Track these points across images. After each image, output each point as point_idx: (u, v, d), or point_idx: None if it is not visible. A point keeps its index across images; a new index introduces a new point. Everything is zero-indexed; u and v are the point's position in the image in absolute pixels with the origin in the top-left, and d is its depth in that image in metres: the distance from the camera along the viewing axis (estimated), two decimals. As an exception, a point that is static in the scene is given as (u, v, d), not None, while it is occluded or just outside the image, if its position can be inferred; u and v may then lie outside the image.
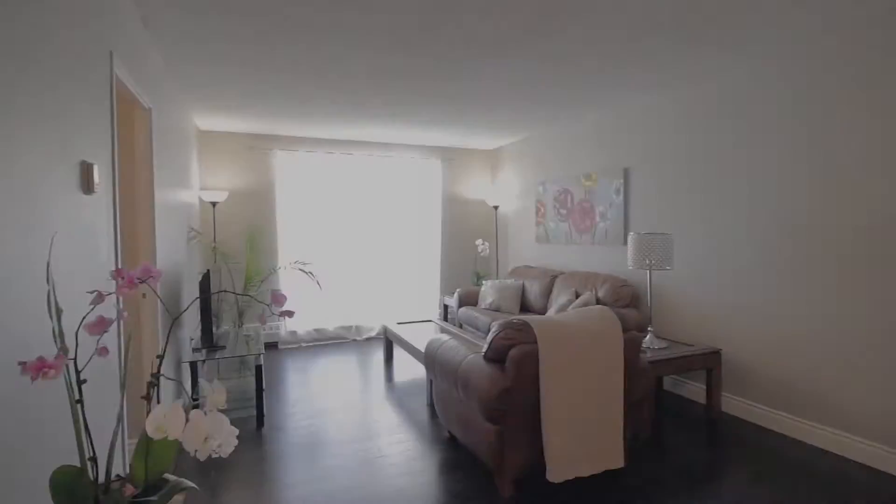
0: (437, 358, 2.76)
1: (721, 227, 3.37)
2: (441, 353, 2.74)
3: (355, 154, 5.71)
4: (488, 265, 6.52)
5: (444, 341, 2.85)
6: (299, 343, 5.49)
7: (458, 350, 2.65)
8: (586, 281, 4.30)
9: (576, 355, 2.26)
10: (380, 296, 5.92)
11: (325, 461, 2.70)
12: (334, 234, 5.69)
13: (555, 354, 2.22)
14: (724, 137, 3.34)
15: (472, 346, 2.70)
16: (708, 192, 3.46)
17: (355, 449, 2.86)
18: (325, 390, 3.95)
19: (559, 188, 5.03)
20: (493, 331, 2.36)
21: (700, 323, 3.54)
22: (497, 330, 2.33)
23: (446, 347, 2.75)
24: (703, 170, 3.50)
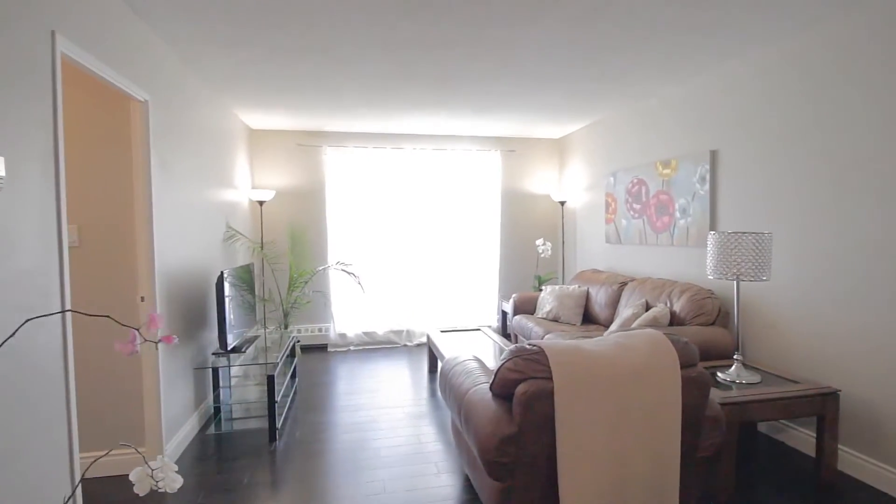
0: (448, 380, 2.30)
1: (844, 226, 2.50)
2: (453, 375, 2.27)
3: (406, 148, 5.38)
4: (552, 267, 5.86)
5: (460, 361, 2.37)
6: (348, 346, 5.29)
7: (470, 375, 2.16)
8: (660, 290, 3.55)
9: (607, 397, 1.68)
10: (433, 299, 5.55)
11: (325, 491, 2.36)
12: (385, 233, 5.42)
13: (576, 395, 1.66)
14: (853, 106, 2.46)
15: (489, 372, 2.20)
16: (825, 178, 2.60)
17: (362, 481, 2.49)
18: (360, 401, 3.65)
19: (632, 179, 4.28)
20: (502, 357, 1.85)
21: (809, 352, 2.68)
22: (506, 357, 1.81)
23: (460, 370, 2.27)
24: (819, 149, 2.64)
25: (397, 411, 3.47)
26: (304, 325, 5.27)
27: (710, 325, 3.16)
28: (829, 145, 2.56)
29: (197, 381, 3.18)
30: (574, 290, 4.45)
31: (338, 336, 5.27)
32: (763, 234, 2.44)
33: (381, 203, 5.37)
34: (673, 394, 1.74)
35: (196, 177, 3.29)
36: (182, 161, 3.03)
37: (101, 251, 2.51)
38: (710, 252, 2.62)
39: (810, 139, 2.66)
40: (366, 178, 5.31)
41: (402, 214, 5.42)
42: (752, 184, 3.05)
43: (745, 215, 3.11)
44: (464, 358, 2.41)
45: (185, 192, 3.07)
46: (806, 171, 2.69)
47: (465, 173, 5.55)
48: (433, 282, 5.54)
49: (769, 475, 2.49)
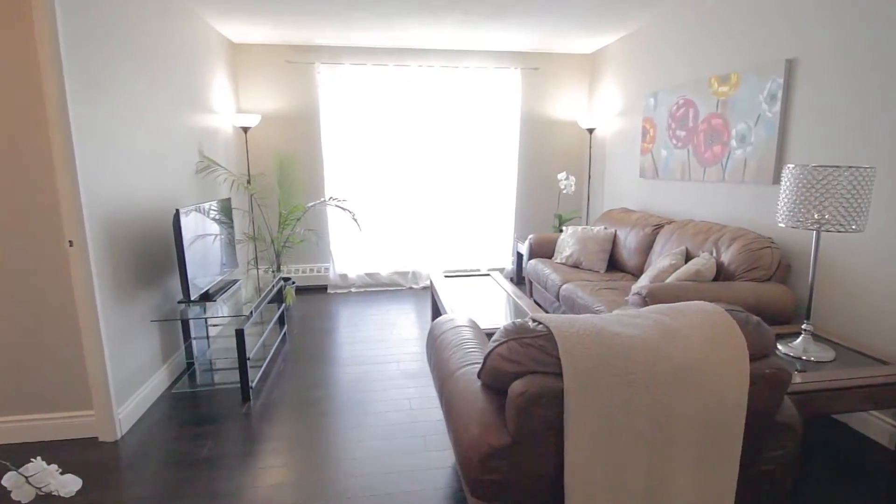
0: (435, 349, 1.84)
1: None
2: (442, 344, 1.81)
3: (411, 65, 4.65)
4: (575, 205, 5.23)
5: (454, 326, 1.90)
6: (349, 288, 4.92)
7: (460, 348, 1.69)
8: (705, 235, 2.96)
9: (640, 404, 1.18)
10: (441, 239, 5.05)
11: (289, 469, 2.02)
12: (389, 164, 4.83)
13: (595, 400, 1.17)
14: None
15: (478, 343, 1.72)
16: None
17: (342, 458, 2.13)
18: (355, 352, 3.29)
19: (677, 100, 3.53)
20: (493, 338, 1.35)
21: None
22: (499, 339, 1.32)
23: (450, 339, 1.80)
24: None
25: (394, 368, 3.09)
26: (301, 265, 4.88)
27: (767, 281, 2.58)
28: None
29: (164, 334, 2.83)
30: (599, 233, 3.88)
31: (338, 277, 4.88)
32: (863, 169, 1.80)
33: (384, 130, 4.74)
34: (735, 397, 1.23)
35: (155, 97, 2.74)
36: (130, 78, 2.47)
37: (6, 187, 2.05)
38: (786, 192, 1.99)
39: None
40: (365, 101, 4.65)
41: (408, 143, 4.80)
42: (842, 105, 2.33)
43: (826, 146, 2.42)
44: (459, 322, 1.93)
45: (138, 116, 2.54)
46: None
47: (480, 95, 4.82)
48: (442, 219, 5.01)
49: (838, 474, 2.02)
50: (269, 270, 4.29)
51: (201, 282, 2.80)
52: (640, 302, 2.48)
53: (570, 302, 3.21)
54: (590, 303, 2.96)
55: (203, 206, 2.94)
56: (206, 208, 2.99)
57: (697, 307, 1.35)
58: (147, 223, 2.66)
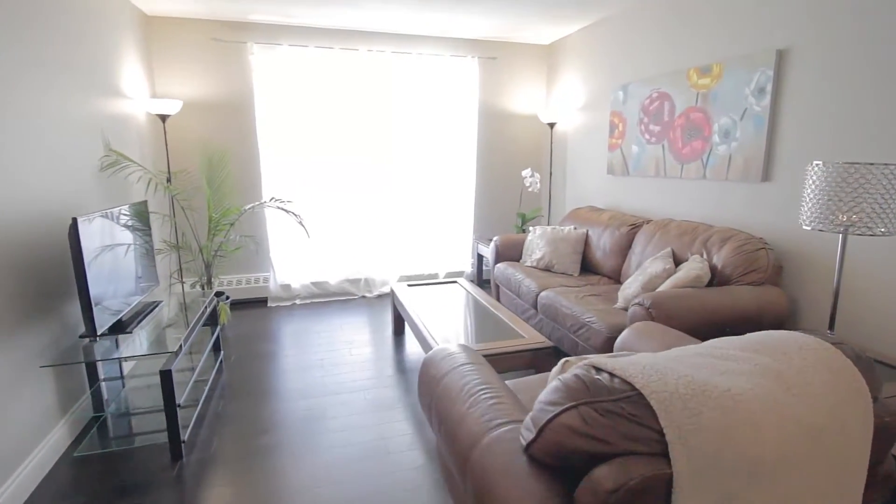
0: (437, 399, 1.45)
1: None
2: (446, 392, 1.43)
3: (360, 50, 4.17)
4: (537, 204, 5.02)
5: (455, 364, 1.52)
6: (293, 299, 4.36)
7: (476, 399, 1.32)
8: (690, 236, 2.79)
9: (763, 487, 0.88)
10: (395, 242, 4.63)
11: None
12: (335, 160, 4.33)
13: (711, 490, 0.85)
14: None
15: (507, 393, 1.35)
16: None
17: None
18: (307, 381, 2.80)
19: (650, 93, 3.37)
20: (547, 398, 1.00)
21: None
22: (559, 402, 0.97)
23: (456, 381, 1.42)
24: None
25: (357, 397, 2.65)
26: (236, 276, 4.26)
27: (761, 286, 2.45)
28: None
29: (62, 378, 2.20)
30: (570, 233, 3.65)
31: (280, 288, 4.31)
32: (892, 165, 1.64)
33: (329, 122, 4.23)
34: (859, 458, 0.97)
35: (42, 76, 2.10)
36: (3, 54, 1.84)
37: None
38: (813, 190, 1.81)
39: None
40: (307, 89, 4.11)
41: (357, 136, 4.32)
42: (837, 98, 2.21)
43: (820, 142, 2.31)
44: (459, 359, 1.55)
45: (18, 100, 1.90)
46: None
47: (435, 85, 4.43)
48: (396, 220, 4.59)
49: None
50: (196, 285, 3.66)
51: (111, 307, 2.20)
52: (643, 314, 2.24)
53: (552, 311, 2.94)
54: (577, 313, 2.70)
55: (112, 212, 2.33)
56: (116, 214, 2.39)
57: (794, 341, 1.08)
58: (34, 236, 2.03)
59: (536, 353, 2.37)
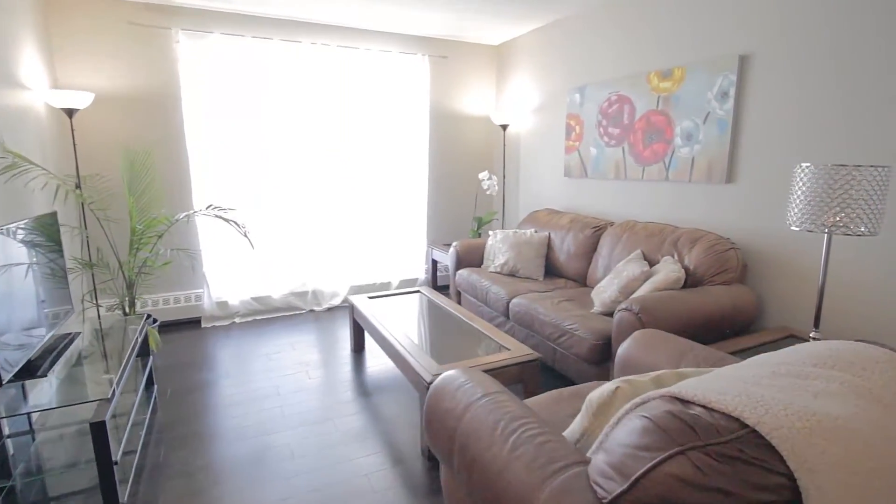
0: (462, 438, 1.26)
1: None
2: (473, 429, 1.23)
3: (303, 42, 3.84)
4: (493, 207, 4.94)
5: (476, 396, 1.33)
6: (232, 318, 3.92)
7: (522, 433, 1.14)
8: (659, 238, 2.81)
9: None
10: (344, 250, 4.33)
11: None
12: (277, 162, 3.95)
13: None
14: None
15: (550, 427, 1.19)
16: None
17: None
18: (256, 416, 2.45)
19: (609, 96, 3.38)
20: (632, 438, 0.86)
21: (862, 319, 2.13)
22: (659, 447, 0.82)
23: (486, 415, 1.23)
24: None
25: (323, 429, 2.37)
26: (162, 295, 3.74)
27: (731, 284, 2.50)
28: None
29: (-51, 439, 1.72)
30: (533, 237, 3.58)
31: (215, 306, 3.85)
32: (881, 168, 1.70)
33: (269, 121, 3.85)
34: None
35: None
36: None
37: None
38: (800, 192, 1.84)
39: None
40: (243, 83, 3.71)
41: (300, 137, 3.97)
42: (798, 103, 2.31)
43: (783, 145, 2.40)
44: (480, 389, 1.36)
45: None
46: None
47: (384, 83, 4.20)
48: (345, 227, 4.29)
49: None
50: (116, 308, 3.14)
51: (14, 344, 1.76)
52: (632, 319, 2.18)
53: (527, 319, 2.83)
54: (557, 320, 2.61)
55: (8, 228, 1.88)
56: (13, 230, 1.93)
57: (866, 354, 1.02)
58: None
59: (524, 367, 2.24)
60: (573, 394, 1.72)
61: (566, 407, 1.64)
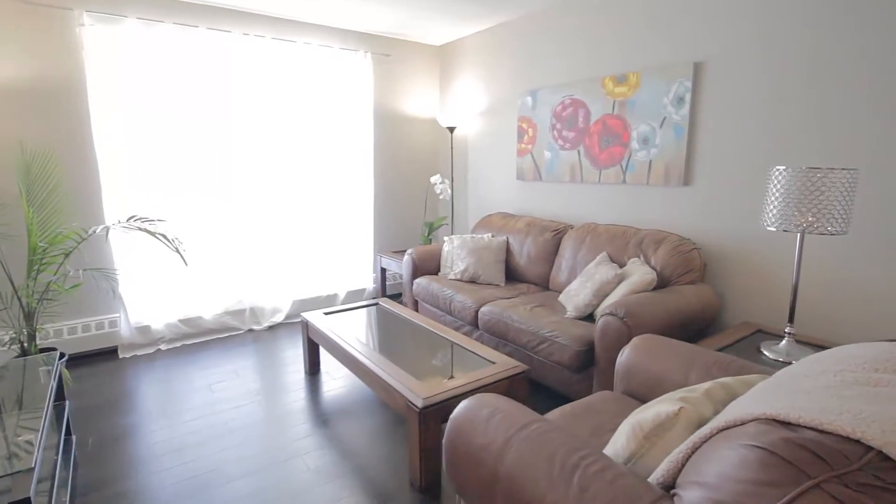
0: (507, 482, 1.11)
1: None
2: (521, 468, 1.09)
3: (234, 32, 3.45)
4: (439, 212, 4.81)
5: (516, 426, 1.19)
6: (156, 345, 3.42)
7: (583, 474, 1.02)
8: (623, 240, 2.85)
9: None
10: (284, 261, 3.97)
11: None
12: (205, 166, 3.52)
13: None
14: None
15: (594, 451, 1.08)
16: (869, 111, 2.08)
17: None
18: (215, 453, 2.11)
19: (563, 99, 3.40)
20: (748, 473, 0.77)
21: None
22: (768, 474, 0.74)
23: (533, 454, 1.09)
24: (863, 73, 2.09)
25: (291, 469, 2.09)
26: (69, 323, 3.16)
27: (694, 283, 2.59)
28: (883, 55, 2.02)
29: None
30: (492, 242, 3.51)
31: (135, 332, 3.34)
32: (851, 170, 1.80)
33: (195, 120, 3.41)
34: None
35: None
36: None
37: None
38: (777, 194, 1.91)
39: (847, 56, 2.10)
40: (163, 76, 3.25)
41: (232, 139, 3.57)
42: (749, 108, 2.44)
43: (737, 149, 2.52)
44: (520, 418, 1.22)
45: None
46: (845, 100, 2.15)
47: (325, 81, 3.91)
48: (285, 237, 3.93)
49: None
50: (12, 343, 2.59)
51: None
52: (617, 324, 2.16)
53: (501, 328, 2.73)
54: (534, 328, 2.53)
55: None
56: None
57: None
58: None
59: (513, 381, 2.13)
60: (586, 408, 1.63)
61: (583, 424, 1.55)
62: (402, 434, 2.33)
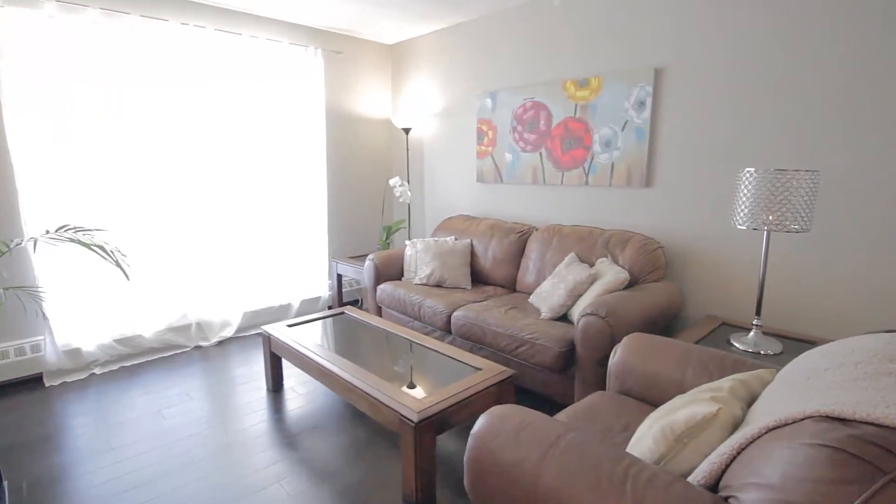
0: (549, 499, 1.06)
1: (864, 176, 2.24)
2: (560, 480, 1.04)
3: (171, 22, 3.15)
4: (395, 216, 4.70)
5: (551, 437, 1.14)
6: (88, 369, 3.04)
7: (635, 483, 0.99)
8: (589, 241, 2.92)
9: None
10: (236, 271, 3.69)
11: None
12: (140, 169, 3.18)
13: None
14: (863, 17, 2.12)
15: (633, 458, 1.06)
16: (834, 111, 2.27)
17: None
18: (177, 490, 1.88)
19: (524, 102, 3.43)
20: (816, 472, 0.78)
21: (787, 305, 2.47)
22: (838, 472, 0.76)
23: (575, 465, 1.05)
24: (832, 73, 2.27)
25: (266, 501, 1.92)
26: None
27: (659, 281, 2.70)
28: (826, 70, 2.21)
29: None
30: (456, 245, 3.47)
31: (63, 356, 2.95)
32: (813, 171, 1.94)
33: (129, 119, 3.08)
34: None
35: None
36: None
37: None
38: (746, 194, 2.02)
39: (798, 61, 2.28)
40: (93, 70, 2.90)
41: (171, 140, 3.26)
42: (708, 113, 2.58)
43: (696, 152, 2.66)
44: (554, 428, 1.17)
45: None
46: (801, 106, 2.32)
47: (273, 78, 3.68)
48: (232, 244, 3.66)
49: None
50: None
51: None
52: (599, 323, 2.19)
53: (477, 332, 2.69)
54: (513, 331, 2.52)
55: None
56: None
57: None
58: None
59: (501, 387, 2.09)
60: (589, 411, 1.63)
61: (593, 428, 1.54)
62: (384, 448, 2.23)
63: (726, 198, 2.57)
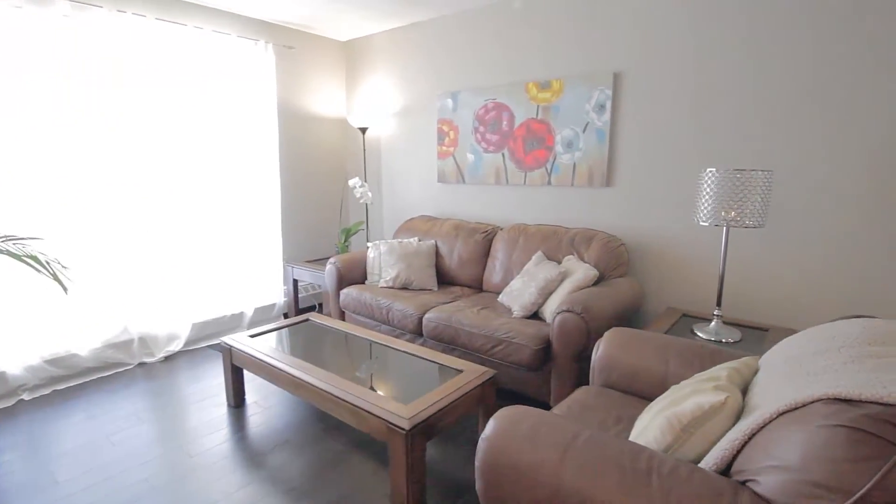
0: (573, 497, 1.06)
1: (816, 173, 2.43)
2: (583, 478, 1.04)
3: (105, 9, 2.88)
4: (353, 217, 4.57)
5: (567, 436, 1.14)
6: (16, 394, 2.71)
7: (660, 472, 1.00)
8: (555, 240, 2.99)
9: None
10: (182, 280, 3.44)
11: None
12: (74, 173, 2.88)
13: None
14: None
15: (651, 450, 1.08)
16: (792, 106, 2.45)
17: None
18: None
19: (485, 103, 3.45)
20: (838, 451, 0.83)
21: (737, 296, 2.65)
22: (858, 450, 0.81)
23: (597, 465, 1.05)
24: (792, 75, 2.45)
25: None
26: None
27: (623, 276, 2.81)
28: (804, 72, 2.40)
29: None
30: (421, 246, 3.43)
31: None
32: (767, 171, 2.09)
33: (60, 116, 2.77)
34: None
35: None
36: None
37: None
38: (708, 192, 2.14)
39: (766, 63, 2.45)
40: (16, 64, 2.58)
41: (108, 138, 2.98)
42: (663, 116, 2.72)
43: (654, 153, 2.79)
44: (570, 427, 1.17)
45: None
46: (753, 105, 2.50)
47: (220, 73, 3.46)
48: (177, 251, 3.40)
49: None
50: None
51: None
52: (576, 320, 2.25)
53: (450, 334, 2.67)
54: (488, 331, 2.52)
55: None
56: None
57: (893, 329, 1.20)
58: None
59: (484, 387, 2.09)
60: (581, 406, 1.65)
61: (589, 422, 1.56)
62: (364, 460, 2.15)
63: (684, 196, 2.72)
